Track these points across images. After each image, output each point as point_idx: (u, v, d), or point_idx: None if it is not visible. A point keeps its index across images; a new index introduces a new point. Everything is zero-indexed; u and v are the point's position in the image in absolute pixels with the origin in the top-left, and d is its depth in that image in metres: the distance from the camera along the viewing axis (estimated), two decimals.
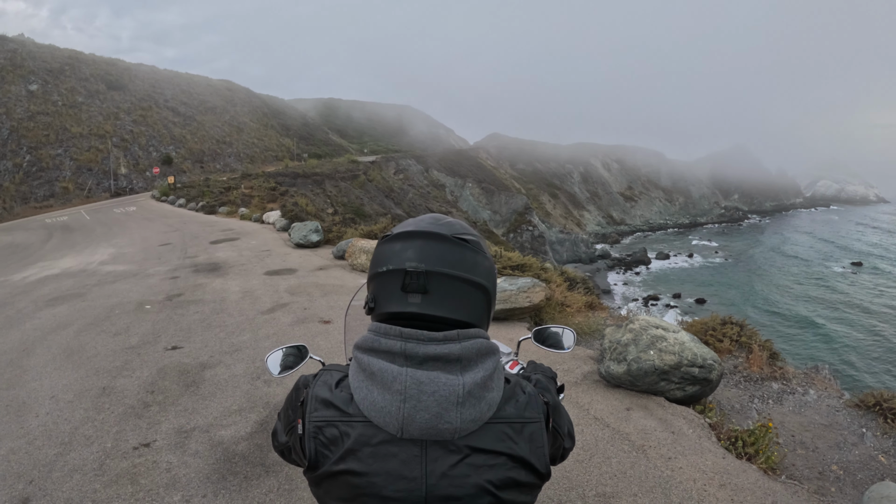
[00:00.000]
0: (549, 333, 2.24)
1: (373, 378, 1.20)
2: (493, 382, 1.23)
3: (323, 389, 1.26)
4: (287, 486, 3.86)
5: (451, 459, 1.17)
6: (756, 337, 6.83)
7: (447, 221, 1.36)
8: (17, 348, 7.39)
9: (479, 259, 1.32)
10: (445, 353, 1.20)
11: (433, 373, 1.18)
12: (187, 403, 5.34)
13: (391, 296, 1.29)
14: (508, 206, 70.03)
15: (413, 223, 1.35)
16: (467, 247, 1.31)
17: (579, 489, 3.73)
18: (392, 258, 1.30)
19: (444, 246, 1.29)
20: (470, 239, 1.33)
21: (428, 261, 1.26)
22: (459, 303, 1.28)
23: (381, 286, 1.32)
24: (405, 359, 1.19)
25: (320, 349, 6.66)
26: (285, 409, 1.39)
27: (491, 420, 1.21)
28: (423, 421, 1.15)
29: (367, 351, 1.24)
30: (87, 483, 4.02)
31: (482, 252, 1.34)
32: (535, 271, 9.24)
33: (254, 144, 72.09)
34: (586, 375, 5.70)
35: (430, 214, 1.43)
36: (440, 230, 1.31)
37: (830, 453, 4.64)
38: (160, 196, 41.89)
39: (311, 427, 1.22)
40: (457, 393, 1.17)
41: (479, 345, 1.24)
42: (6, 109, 49.28)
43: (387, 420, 1.16)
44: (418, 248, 1.28)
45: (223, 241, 17.48)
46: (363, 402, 1.19)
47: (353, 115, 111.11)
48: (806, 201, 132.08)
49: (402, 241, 1.31)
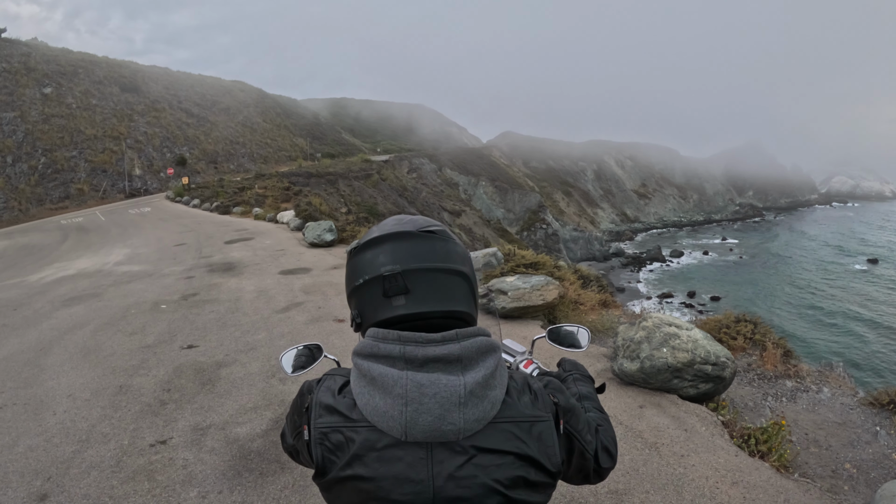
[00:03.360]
0: (564, 332, 2.23)
1: (374, 383, 1.19)
2: (495, 380, 1.22)
3: (326, 395, 1.27)
4: (302, 483, 3.89)
5: (457, 461, 1.17)
6: (770, 334, 6.79)
7: (410, 219, 1.37)
8: (35, 348, 7.48)
9: (449, 246, 1.33)
10: (445, 353, 1.19)
11: (434, 374, 1.17)
12: (203, 401, 5.39)
13: (376, 305, 1.29)
14: (522, 204, 69.95)
15: (377, 229, 1.36)
16: (436, 237, 1.31)
17: (591, 486, 3.73)
18: (365, 268, 1.30)
19: (412, 242, 1.29)
20: (436, 230, 1.33)
21: (401, 261, 1.26)
22: (443, 294, 1.29)
23: (362, 299, 1.32)
24: (405, 362, 1.19)
25: (335, 348, 6.68)
26: (291, 414, 1.39)
27: (496, 419, 1.20)
28: (427, 423, 1.15)
29: (366, 357, 1.23)
30: (105, 479, 4.07)
31: (451, 240, 1.35)
32: (548, 269, 9.21)
33: (267, 144, 72.34)
34: (600, 373, 5.70)
35: (393, 217, 1.42)
36: (405, 228, 1.31)
37: (844, 451, 4.61)
38: (175, 197, 42.12)
39: (316, 433, 1.23)
40: (458, 393, 1.16)
41: (479, 343, 1.23)
42: (21, 112, 49.61)
43: (390, 424, 1.16)
44: (389, 251, 1.28)
45: (237, 241, 17.58)
46: (366, 408, 1.19)
47: (365, 114, 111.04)
48: (821, 198, 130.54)
49: (371, 249, 1.31)
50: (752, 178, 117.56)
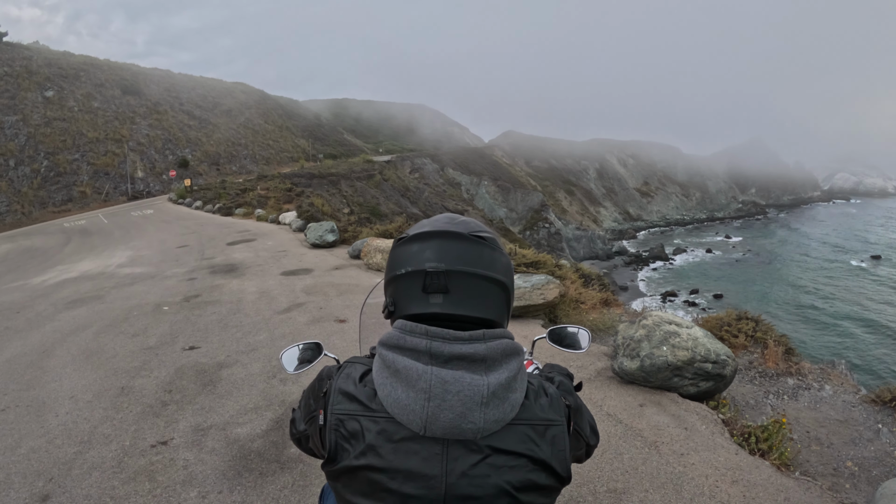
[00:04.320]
0: (565, 334, 2.23)
1: (397, 375, 1.20)
2: (516, 383, 1.23)
3: (347, 382, 1.27)
4: (301, 483, 3.90)
5: (471, 459, 1.17)
6: (772, 332, 6.78)
7: (463, 220, 1.37)
8: (37, 350, 7.49)
9: (496, 256, 1.33)
10: (471, 352, 1.20)
11: (458, 372, 1.18)
12: (204, 402, 5.40)
13: (412, 297, 1.30)
14: (524, 203, 69.93)
15: (429, 223, 1.36)
16: (485, 244, 1.32)
17: (591, 485, 3.73)
18: (410, 260, 1.31)
19: (462, 245, 1.29)
20: (486, 236, 1.34)
21: (447, 260, 1.27)
22: (480, 300, 1.29)
23: (400, 289, 1.33)
24: (430, 357, 1.20)
25: (336, 348, 6.68)
26: (306, 398, 1.40)
27: (513, 421, 1.21)
28: (447, 420, 1.15)
29: (392, 348, 1.24)
30: (106, 480, 4.08)
31: (499, 249, 1.35)
32: (549, 268, 9.22)
33: (269, 146, 72.42)
34: (600, 372, 5.70)
35: (445, 214, 1.44)
36: (457, 229, 1.32)
37: (845, 449, 4.61)
38: (177, 199, 42.23)
39: (332, 419, 1.23)
40: (481, 393, 1.17)
41: (505, 345, 1.24)
42: (23, 116, 49.75)
43: (410, 418, 1.17)
44: (436, 248, 1.29)
45: (240, 243, 17.61)
46: (387, 399, 1.20)
47: (367, 114, 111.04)
48: (824, 194, 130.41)
49: (420, 243, 1.32)
50: (755, 175, 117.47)
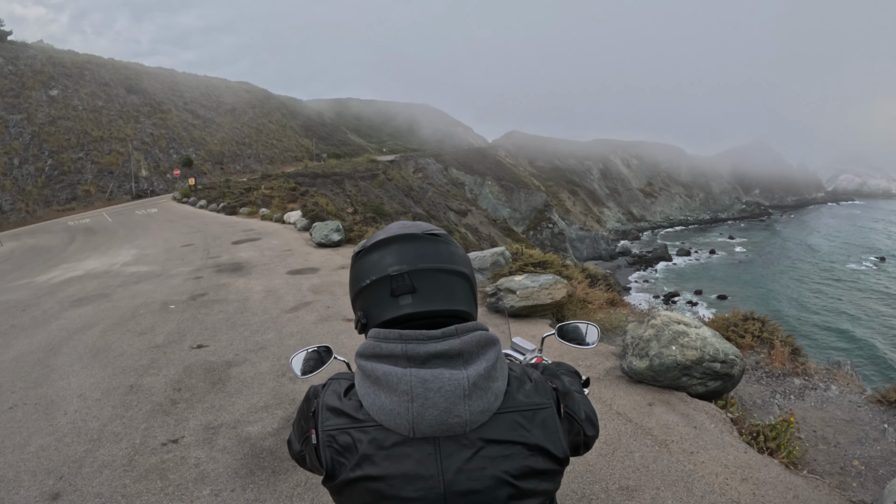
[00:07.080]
0: (573, 329, 2.23)
1: (378, 383, 1.21)
2: (496, 372, 1.24)
3: (332, 398, 1.29)
4: (315, 481, 3.91)
5: (465, 454, 1.18)
6: (778, 332, 6.78)
7: (414, 223, 1.42)
8: (44, 348, 7.53)
9: (453, 250, 1.38)
10: (446, 349, 1.22)
11: (437, 370, 1.20)
12: (214, 400, 5.42)
13: (382, 304, 1.32)
14: (528, 203, 69.88)
15: (383, 233, 1.39)
16: (440, 240, 1.37)
17: (602, 482, 3.75)
18: (372, 269, 1.34)
19: (419, 244, 1.34)
20: (441, 233, 1.39)
21: (408, 261, 1.31)
22: (448, 294, 1.33)
23: (369, 299, 1.35)
24: (407, 360, 1.21)
25: (345, 347, 6.70)
26: (298, 420, 1.42)
27: (501, 410, 1.22)
28: (433, 417, 1.17)
29: (369, 357, 1.26)
30: (117, 478, 4.10)
31: (454, 244, 1.41)
32: (556, 268, 9.21)
33: (273, 145, 72.43)
34: (609, 371, 5.71)
35: (397, 222, 1.46)
36: (411, 230, 1.37)
37: (852, 448, 4.62)
38: (181, 198, 42.19)
39: (324, 436, 1.24)
40: (462, 386, 1.18)
41: (479, 337, 1.26)
42: (27, 115, 49.82)
43: (397, 422, 1.18)
44: (396, 252, 1.32)
45: (245, 242, 17.63)
46: (372, 408, 1.21)
47: (370, 114, 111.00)
48: (828, 196, 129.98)
49: (378, 251, 1.35)
50: (759, 176, 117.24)
